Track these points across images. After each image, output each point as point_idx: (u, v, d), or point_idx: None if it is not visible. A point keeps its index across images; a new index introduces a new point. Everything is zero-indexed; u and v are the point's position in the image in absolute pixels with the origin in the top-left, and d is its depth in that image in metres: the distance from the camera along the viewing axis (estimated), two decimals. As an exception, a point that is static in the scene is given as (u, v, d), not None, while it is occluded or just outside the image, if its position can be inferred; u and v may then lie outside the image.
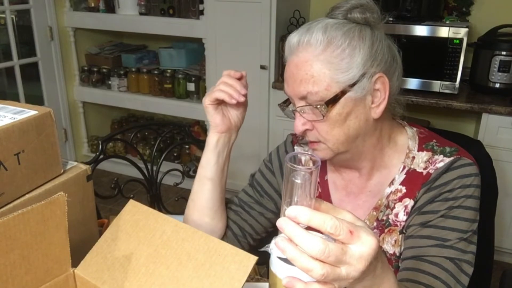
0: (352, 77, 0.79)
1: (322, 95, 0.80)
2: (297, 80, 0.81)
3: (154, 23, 2.83)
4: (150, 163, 1.62)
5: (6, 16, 2.77)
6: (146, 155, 3.04)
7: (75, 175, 0.79)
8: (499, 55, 2.18)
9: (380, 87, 0.82)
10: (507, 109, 2.09)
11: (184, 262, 0.64)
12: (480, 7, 2.44)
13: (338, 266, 0.52)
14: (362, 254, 0.53)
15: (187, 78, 2.93)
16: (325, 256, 0.51)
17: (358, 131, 0.84)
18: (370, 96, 0.82)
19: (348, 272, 0.53)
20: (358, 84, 0.80)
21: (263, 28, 2.47)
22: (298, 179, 0.56)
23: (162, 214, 0.71)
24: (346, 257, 0.52)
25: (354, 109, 0.81)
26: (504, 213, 2.22)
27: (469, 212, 0.83)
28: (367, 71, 0.80)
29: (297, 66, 0.81)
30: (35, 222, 0.60)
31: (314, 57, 0.80)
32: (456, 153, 0.87)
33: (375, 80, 0.81)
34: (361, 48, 0.79)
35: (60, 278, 0.67)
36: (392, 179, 0.90)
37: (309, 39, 0.80)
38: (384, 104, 0.83)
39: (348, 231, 0.52)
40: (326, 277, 0.51)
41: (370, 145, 0.87)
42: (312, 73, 0.79)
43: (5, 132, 0.67)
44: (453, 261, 0.80)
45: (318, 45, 0.79)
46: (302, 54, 0.81)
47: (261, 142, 2.69)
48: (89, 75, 3.22)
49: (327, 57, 0.79)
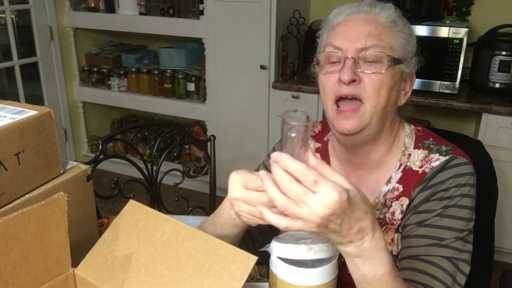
0: (410, 51, 0.87)
1: (386, 53, 0.84)
2: (363, 32, 0.84)
3: (154, 23, 2.83)
4: (150, 163, 1.62)
5: (6, 16, 2.77)
6: (146, 155, 3.04)
7: (75, 175, 0.79)
8: (499, 55, 2.18)
9: (411, 78, 0.90)
10: (507, 109, 2.09)
11: (184, 262, 0.64)
12: (480, 7, 2.44)
13: (299, 205, 0.58)
14: (323, 202, 0.57)
15: (187, 78, 2.93)
16: (288, 190, 0.58)
17: (393, 107, 0.88)
18: (404, 82, 0.89)
19: (309, 214, 0.58)
20: (411, 60, 0.88)
21: (263, 28, 2.47)
22: (293, 132, 0.62)
23: (162, 214, 0.71)
24: (306, 197, 0.58)
25: (397, 83, 0.87)
26: (504, 213, 2.22)
27: (464, 211, 0.83)
28: (414, 55, 0.88)
29: (366, 21, 0.86)
30: (35, 222, 0.60)
31: (383, 20, 0.86)
32: (452, 152, 0.87)
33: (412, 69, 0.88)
34: (414, 33, 0.90)
35: (60, 278, 0.67)
36: (389, 177, 0.91)
37: (374, 8, 0.87)
38: (409, 95, 0.90)
39: (314, 180, 0.58)
40: (287, 208, 0.59)
41: (386, 132, 0.91)
42: (380, 31, 0.84)
43: (5, 132, 0.67)
44: (450, 260, 0.80)
45: (386, 16, 0.87)
46: (370, 16, 0.87)
47: (261, 142, 2.69)
48: (89, 75, 3.22)
49: (393, 27, 0.86)
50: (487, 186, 1.07)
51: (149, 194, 1.62)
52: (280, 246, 0.70)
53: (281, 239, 0.73)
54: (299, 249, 0.68)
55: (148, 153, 3.07)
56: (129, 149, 3.23)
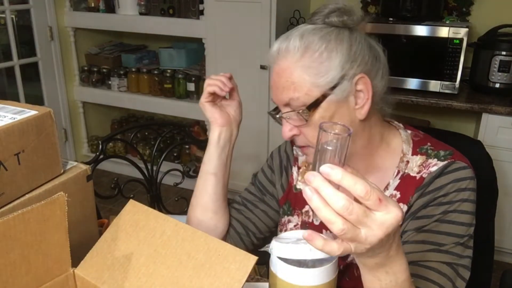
0: (332, 80, 0.80)
1: (304, 100, 0.80)
2: (279, 88, 0.83)
3: (154, 23, 2.83)
4: (150, 163, 1.62)
5: (6, 16, 2.77)
6: (146, 155, 3.04)
7: (75, 175, 0.79)
8: (499, 55, 2.18)
9: (363, 88, 0.81)
10: (507, 109, 2.09)
11: (184, 262, 0.64)
12: (480, 7, 2.44)
13: (358, 226, 0.53)
14: (384, 222, 0.53)
15: (187, 78, 2.93)
16: (348, 212, 0.52)
17: (355, 127, 0.83)
18: (353, 97, 0.82)
19: (366, 236, 0.54)
20: (338, 86, 0.80)
21: (263, 28, 2.47)
22: (330, 145, 0.57)
23: (162, 214, 0.71)
24: (367, 219, 0.53)
25: (338, 111, 0.81)
26: (504, 213, 2.22)
27: (465, 216, 0.82)
28: (346, 73, 0.80)
29: (278, 74, 0.83)
30: (35, 222, 0.60)
31: (293, 63, 0.81)
32: (450, 156, 0.86)
33: (356, 81, 0.80)
34: (339, 50, 0.80)
35: (60, 278, 0.67)
36: (386, 184, 0.89)
37: (287, 46, 0.82)
38: (368, 105, 0.82)
39: (378, 198, 0.53)
40: (345, 233, 0.53)
41: (360, 146, 0.87)
42: (292, 79, 0.81)
43: (5, 132, 0.67)
44: (450, 265, 0.80)
45: (296, 51, 0.81)
46: (281, 62, 0.83)
47: (261, 142, 2.69)
48: (89, 75, 3.22)
49: (306, 62, 0.80)
50: (487, 186, 1.07)
51: (149, 194, 1.62)
52: (280, 246, 0.70)
53: (281, 239, 0.73)
54: (299, 249, 0.69)
55: (148, 153, 3.07)
56: (129, 149, 3.23)
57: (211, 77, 0.97)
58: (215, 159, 0.98)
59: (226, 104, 1.00)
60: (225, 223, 1.02)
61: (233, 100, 1.00)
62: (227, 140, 0.98)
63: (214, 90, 0.95)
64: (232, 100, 1.00)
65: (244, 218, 1.04)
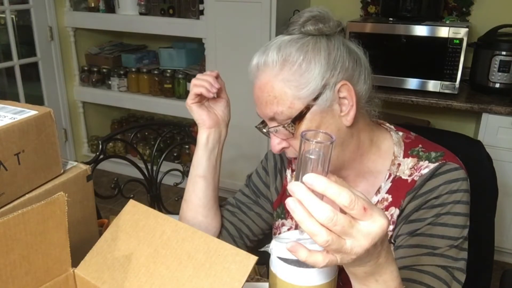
0: (313, 91, 0.79)
1: (288, 114, 0.80)
2: (263, 103, 0.83)
3: (154, 23, 2.83)
4: (150, 163, 1.62)
5: (6, 16, 2.77)
6: (146, 155, 3.04)
7: (75, 175, 0.79)
8: (499, 55, 2.18)
9: (346, 95, 0.80)
10: (507, 109, 2.09)
11: (184, 262, 0.64)
12: (480, 7, 2.45)
13: (343, 237, 0.52)
14: (370, 231, 0.52)
15: (187, 78, 2.93)
16: (332, 223, 0.51)
17: (342, 134, 0.83)
18: (337, 105, 0.81)
19: (352, 247, 0.52)
20: (321, 96, 0.79)
21: (263, 28, 2.47)
22: (313, 154, 0.56)
23: (162, 214, 0.71)
24: (353, 230, 0.52)
25: (323, 121, 0.81)
26: (504, 213, 2.22)
27: (458, 218, 0.81)
28: (327, 82, 0.79)
29: (260, 89, 0.83)
30: (35, 222, 0.60)
31: (273, 77, 0.80)
32: (442, 158, 0.85)
33: (339, 89, 0.80)
34: (317, 60, 0.79)
35: (60, 278, 0.67)
36: (378, 187, 0.88)
37: (266, 60, 0.81)
38: (353, 111, 0.81)
39: (362, 207, 0.51)
40: (330, 245, 0.51)
41: (350, 152, 0.86)
42: (274, 94, 0.80)
43: (5, 132, 0.67)
44: (445, 268, 0.79)
45: (274, 65, 0.80)
46: (262, 77, 0.82)
47: (260, 142, 2.69)
48: (89, 75, 3.22)
49: (285, 75, 0.79)
50: (487, 186, 1.07)
51: (149, 194, 1.62)
52: (280, 246, 0.70)
53: (281, 239, 0.73)
54: (299, 249, 0.68)
55: (148, 153, 3.07)
56: (129, 149, 3.23)
57: (197, 77, 0.93)
58: (204, 162, 0.96)
59: (213, 104, 0.97)
60: (216, 226, 1.01)
61: (221, 99, 0.98)
62: (216, 142, 0.97)
63: (200, 92, 0.92)
64: (220, 99, 0.98)
65: (238, 221, 1.03)
